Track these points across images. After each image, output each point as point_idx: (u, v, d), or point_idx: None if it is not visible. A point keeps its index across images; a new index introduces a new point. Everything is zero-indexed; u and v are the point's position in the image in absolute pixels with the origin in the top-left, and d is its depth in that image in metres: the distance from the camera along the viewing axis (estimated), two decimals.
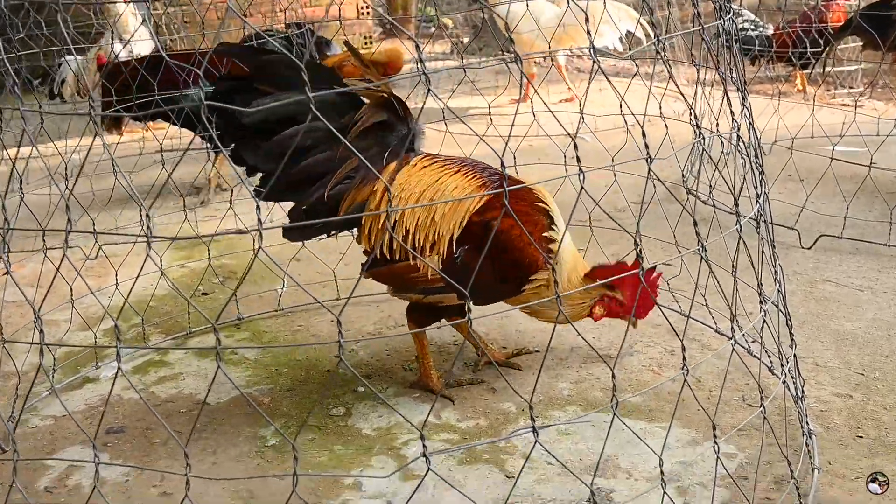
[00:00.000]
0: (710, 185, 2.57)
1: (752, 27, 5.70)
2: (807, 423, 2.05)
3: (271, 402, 2.41)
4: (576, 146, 1.41)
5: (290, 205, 2.24)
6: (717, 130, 2.76)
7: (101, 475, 2.04)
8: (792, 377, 2.00)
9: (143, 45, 5.42)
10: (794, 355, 2.07)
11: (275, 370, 2.62)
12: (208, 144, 4.24)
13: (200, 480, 2.02)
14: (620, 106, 1.60)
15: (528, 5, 4.42)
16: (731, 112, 1.92)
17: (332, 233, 2.37)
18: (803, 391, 2.07)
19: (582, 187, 1.38)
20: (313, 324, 2.98)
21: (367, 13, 8.02)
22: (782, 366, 1.89)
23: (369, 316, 2.99)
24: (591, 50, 1.40)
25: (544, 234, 2.12)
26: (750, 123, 2.01)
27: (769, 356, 2.36)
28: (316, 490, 2.00)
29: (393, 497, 1.95)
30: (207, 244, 2.94)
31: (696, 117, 1.69)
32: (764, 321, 1.84)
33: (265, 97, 2.04)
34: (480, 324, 2.81)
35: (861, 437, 2.05)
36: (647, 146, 1.39)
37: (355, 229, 2.30)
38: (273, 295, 3.15)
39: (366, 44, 7.89)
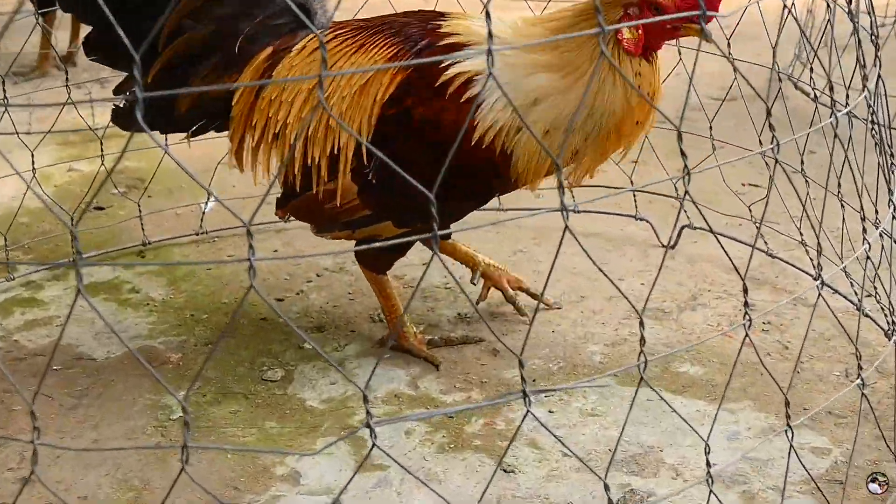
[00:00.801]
0: (809, 70, 2.53)
1: None
2: None
3: (182, 359, 2.44)
4: None
5: None
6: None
7: None
8: None
9: None
10: None
11: (190, 316, 2.64)
12: None
13: (73, 462, 2.05)
14: None
15: None
16: None
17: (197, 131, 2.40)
18: None
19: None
20: (246, 252, 2.98)
21: None
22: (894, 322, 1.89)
23: (329, 246, 2.99)
24: None
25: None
26: None
27: (887, 311, 2.35)
28: (236, 481, 2.02)
29: (343, 494, 1.97)
30: (101, 138, 2.93)
31: None
32: (868, 257, 1.83)
33: None
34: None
35: None
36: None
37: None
38: (195, 213, 3.16)
39: None
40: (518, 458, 2.06)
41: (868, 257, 1.88)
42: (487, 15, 1.22)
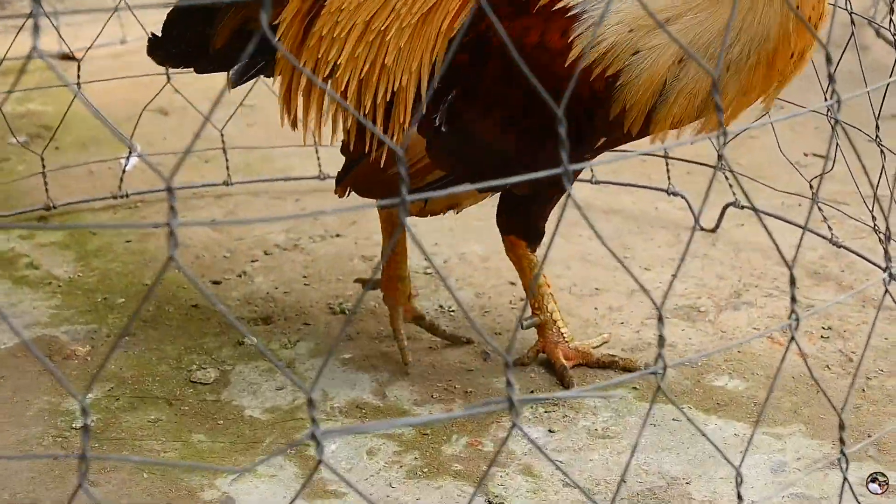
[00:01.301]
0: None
1: None
2: None
3: (90, 353, 2.44)
4: None
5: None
6: None
7: None
8: None
9: None
10: None
11: (102, 300, 2.63)
12: None
13: None
14: None
15: None
16: None
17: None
18: None
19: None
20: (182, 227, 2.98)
21: None
22: None
23: (286, 209, 2.99)
24: None
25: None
26: None
27: None
28: None
29: None
30: None
31: None
32: None
33: None
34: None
35: None
36: None
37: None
38: (114, 172, 3.14)
39: None
40: (508, 489, 2.05)
41: None
42: None
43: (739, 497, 1.47)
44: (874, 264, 2.72)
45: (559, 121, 1.24)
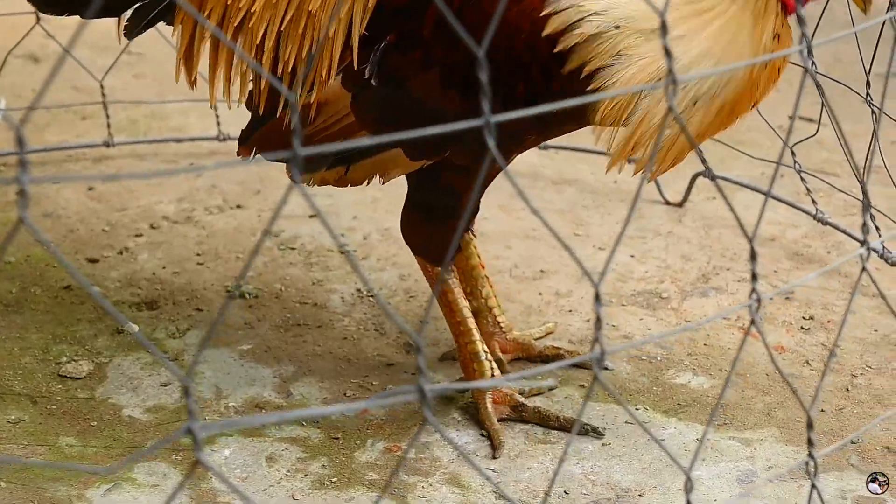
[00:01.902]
0: None
1: None
2: None
3: None
4: None
5: None
6: None
7: None
8: None
9: None
10: None
11: None
12: None
13: None
14: None
15: None
16: None
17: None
18: None
19: None
20: (52, 193, 2.98)
21: None
22: None
23: (176, 185, 3.01)
24: None
25: None
26: None
27: None
28: None
29: None
30: None
31: None
32: None
33: None
34: None
35: None
36: None
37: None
38: None
39: None
40: (431, 501, 2.09)
41: None
42: None
43: None
44: (861, 242, 2.77)
45: (479, 64, 1.27)
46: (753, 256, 1.50)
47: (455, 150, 2.18)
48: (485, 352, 2.28)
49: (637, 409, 2.30)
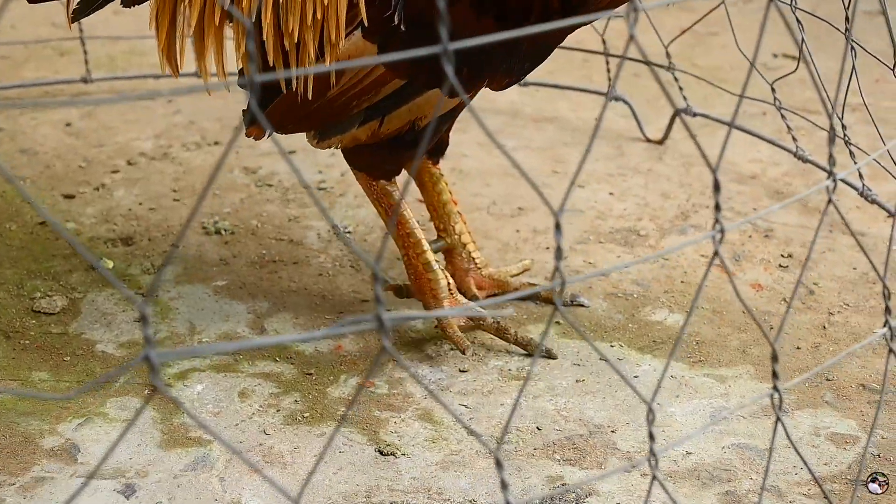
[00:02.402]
0: None
1: None
2: None
3: None
4: None
5: None
6: None
7: None
8: None
9: None
10: None
11: None
12: None
13: None
14: None
15: None
16: None
17: None
18: None
19: None
20: (29, 130, 2.97)
21: None
22: None
23: (154, 122, 3.00)
24: None
25: None
26: None
27: None
28: None
29: (140, 479, 2.00)
30: None
31: None
32: None
33: None
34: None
35: None
36: None
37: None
38: None
39: None
40: (403, 436, 2.09)
41: None
42: None
43: (651, 436, 1.51)
44: (847, 183, 2.76)
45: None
46: (717, 187, 1.49)
47: (492, 75, 2.16)
48: (436, 261, 2.28)
49: (612, 346, 2.30)
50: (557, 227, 1.39)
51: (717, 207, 1.49)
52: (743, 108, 3.05)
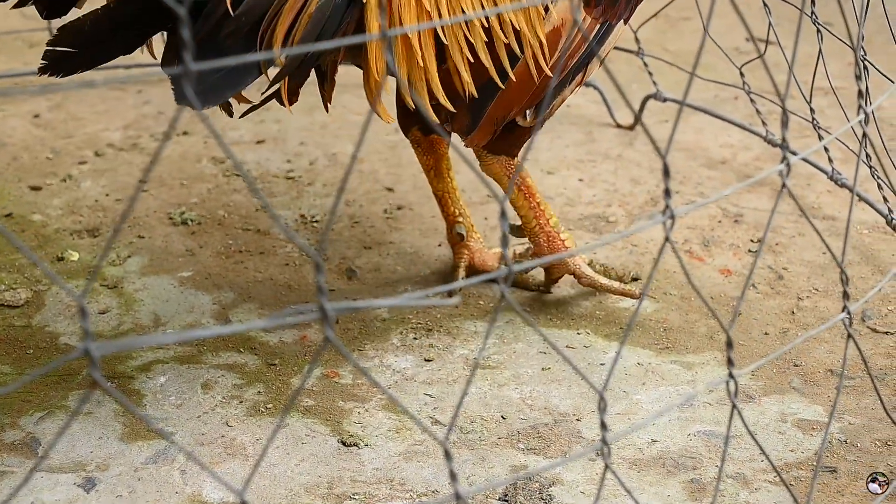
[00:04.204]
0: None
1: None
2: None
3: None
4: None
5: None
6: None
7: None
8: None
9: None
10: None
11: None
12: None
13: None
14: None
15: None
16: None
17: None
18: None
19: None
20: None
21: None
22: None
23: (123, 113, 2.98)
24: None
25: None
26: None
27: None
28: None
29: (100, 472, 1.99)
30: None
31: None
32: (865, 132, 1.85)
33: None
34: None
35: None
36: None
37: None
38: None
39: None
40: (366, 427, 2.08)
41: (865, 132, 1.90)
42: None
43: (603, 426, 1.50)
44: (817, 167, 2.76)
45: None
46: (666, 173, 1.48)
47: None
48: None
49: (579, 334, 2.29)
50: (503, 214, 1.38)
51: (667, 193, 1.48)
52: (714, 93, 3.05)
